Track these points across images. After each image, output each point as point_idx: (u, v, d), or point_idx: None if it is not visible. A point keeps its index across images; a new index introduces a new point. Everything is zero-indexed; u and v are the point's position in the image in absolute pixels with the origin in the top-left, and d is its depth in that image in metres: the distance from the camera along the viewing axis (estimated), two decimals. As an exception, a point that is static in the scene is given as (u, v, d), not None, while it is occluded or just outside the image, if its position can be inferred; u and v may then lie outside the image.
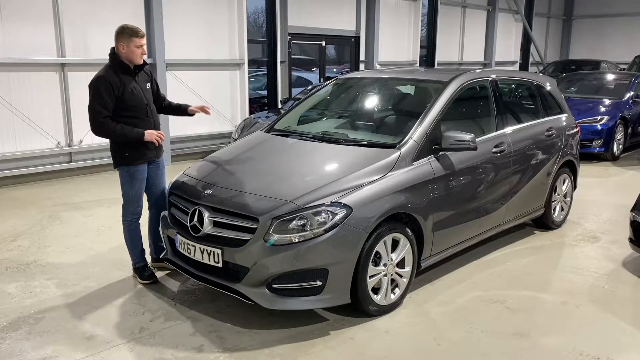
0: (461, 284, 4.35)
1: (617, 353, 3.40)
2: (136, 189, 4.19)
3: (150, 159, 4.21)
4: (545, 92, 5.81)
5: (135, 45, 4.02)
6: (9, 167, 7.44)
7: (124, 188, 4.20)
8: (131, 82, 4.05)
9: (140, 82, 4.15)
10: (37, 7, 7.45)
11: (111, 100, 3.95)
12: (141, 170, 4.17)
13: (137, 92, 4.08)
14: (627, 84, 10.28)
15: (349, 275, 3.54)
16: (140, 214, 4.28)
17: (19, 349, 3.38)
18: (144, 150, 4.13)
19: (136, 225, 4.28)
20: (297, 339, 3.51)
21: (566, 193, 5.84)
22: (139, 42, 4.03)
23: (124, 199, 4.22)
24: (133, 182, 4.16)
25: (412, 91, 5.22)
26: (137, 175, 4.15)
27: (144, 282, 4.28)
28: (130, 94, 4.02)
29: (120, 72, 4.02)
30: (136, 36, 4.02)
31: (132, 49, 4.02)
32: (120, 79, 3.99)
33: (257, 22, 11.38)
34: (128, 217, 4.25)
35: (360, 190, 3.64)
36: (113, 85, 3.94)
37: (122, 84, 3.99)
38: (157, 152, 4.27)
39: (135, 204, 4.22)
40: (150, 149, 4.19)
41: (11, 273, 4.52)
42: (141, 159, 4.14)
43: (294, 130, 4.83)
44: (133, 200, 4.20)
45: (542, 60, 19.49)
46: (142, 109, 4.11)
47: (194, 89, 9.34)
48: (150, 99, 4.23)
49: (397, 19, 13.66)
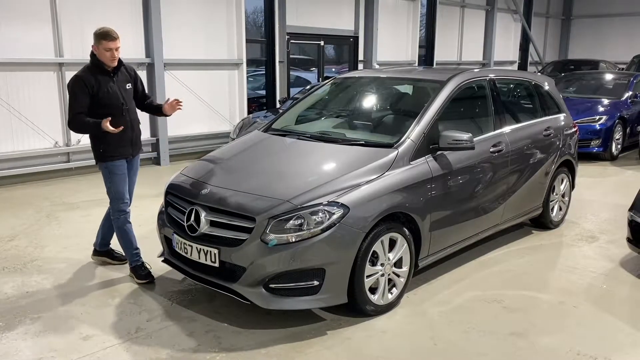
0: (459, 284, 4.34)
1: (614, 353, 3.40)
2: (117, 184, 4.27)
3: (125, 156, 4.30)
4: (544, 91, 5.81)
5: (104, 48, 4.09)
6: (7, 167, 7.43)
7: (106, 185, 4.32)
8: (107, 82, 4.16)
9: (118, 82, 4.24)
10: (35, 7, 7.43)
11: (85, 97, 4.07)
12: (119, 165, 4.26)
13: (113, 92, 4.17)
14: (626, 83, 10.28)
15: (346, 275, 3.53)
16: (126, 210, 4.35)
17: (15, 349, 3.37)
18: (117, 147, 4.22)
19: (124, 222, 4.34)
20: (294, 338, 3.50)
21: (564, 193, 5.83)
22: (107, 45, 4.08)
23: (109, 196, 4.33)
24: (113, 178, 4.26)
25: (410, 91, 5.21)
26: (115, 170, 4.24)
27: (141, 282, 4.28)
28: (105, 92, 4.12)
29: (97, 72, 4.13)
30: (105, 39, 4.07)
31: (102, 52, 4.10)
32: (96, 78, 4.10)
33: (256, 22, 11.38)
34: (115, 214, 4.34)
35: (358, 189, 3.63)
36: (87, 84, 4.06)
37: (98, 83, 4.10)
38: (132, 149, 4.36)
39: (120, 200, 4.30)
40: (125, 146, 4.27)
41: (8, 273, 4.51)
42: (116, 155, 4.23)
43: (291, 129, 4.82)
44: (117, 197, 4.29)
45: (541, 60, 19.50)
46: (117, 107, 4.19)
47: (192, 88, 9.33)
48: (128, 98, 4.29)
49: (396, 19, 13.66)
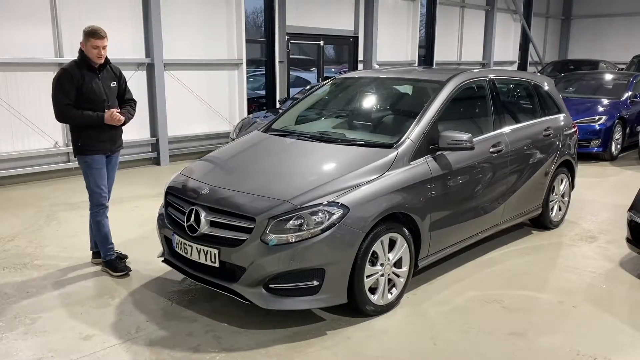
0: (458, 284, 4.35)
1: (614, 353, 3.40)
2: (95, 179, 4.32)
3: (103, 151, 4.36)
4: (543, 92, 5.81)
5: (91, 46, 4.17)
6: (7, 167, 7.43)
7: (85, 179, 4.37)
8: (93, 78, 4.24)
9: (103, 79, 4.32)
10: (35, 7, 7.43)
11: (72, 89, 4.16)
12: (97, 160, 4.32)
13: (97, 88, 4.25)
14: (626, 83, 10.28)
15: (346, 275, 3.54)
16: (104, 205, 4.41)
17: (15, 349, 3.37)
18: (96, 142, 4.27)
19: (102, 217, 4.40)
20: (294, 338, 3.50)
21: (564, 193, 5.83)
22: (94, 42, 4.16)
23: (88, 191, 4.38)
24: (91, 172, 4.31)
25: (409, 91, 5.21)
26: (93, 164, 4.30)
27: (117, 275, 4.34)
28: (89, 88, 4.21)
29: (84, 67, 4.23)
30: (92, 37, 4.16)
31: (89, 49, 4.19)
32: (82, 73, 4.20)
33: (256, 22, 11.38)
34: (93, 209, 4.40)
35: (358, 190, 3.64)
36: (73, 77, 4.16)
37: (83, 78, 4.19)
38: (111, 146, 4.40)
39: (98, 194, 4.35)
40: (104, 142, 4.33)
41: (8, 273, 4.51)
42: (94, 150, 4.28)
43: (291, 130, 4.82)
44: (95, 191, 4.34)
45: (541, 60, 19.50)
46: (99, 103, 4.27)
47: (192, 89, 9.34)
48: (111, 95, 4.38)
49: (396, 19, 13.66)
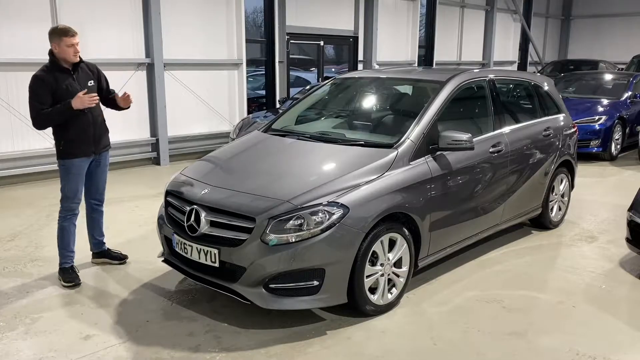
0: (458, 284, 4.35)
1: (613, 353, 3.40)
2: (72, 184, 4.19)
3: (87, 154, 4.21)
4: (543, 92, 5.81)
5: (66, 45, 4.06)
6: (6, 167, 7.42)
7: (61, 182, 4.23)
8: (66, 80, 4.10)
9: (79, 79, 4.18)
10: (35, 7, 7.43)
11: (47, 96, 4.02)
12: (77, 164, 4.17)
13: (73, 89, 4.09)
14: (625, 83, 10.28)
15: (346, 275, 3.54)
16: (75, 211, 4.28)
17: (16, 349, 3.37)
18: (78, 143, 4.14)
19: (69, 223, 4.28)
20: (294, 338, 3.50)
21: (564, 193, 5.84)
22: (69, 41, 4.05)
23: (61, 193, 4.24)
24: (69, 177, 4.18)
25: (409, 91, 5.22)
26: (72, 169, 4.16)
27: (66, 285, 4.21)
28: (64, 91, 4.06)
29: (56, 70, 4.09)
30: (66, 35, 4.05)
31: (64, 49, 4.06)
32: (54, 77, 4.06)
33: (256, 22, 11.38)
34: (62, 212, 4.27)
35: (357, 190, 3.64)
36: (46, 82, 4.02)
37: (56, 82, 4.05)
38: (95, 147, 4.26)
39: (71, 200, 4.22)
40: (87, 143, 4.19)
41: (8, 273, 4.52)
42: (76, 153, 4.15)
43: (291, 130, 4.82)
44: (68, 195, 4.21)
45: (541, 60, 19.50)
46: None
47: (192, 88, 9.34)
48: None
49: (396, 19, 13.66)
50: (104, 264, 4.65)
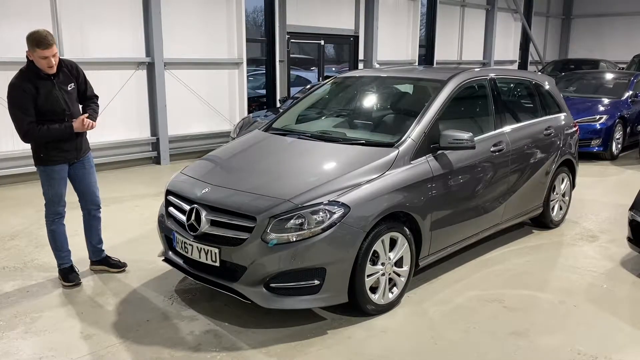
0: (459, 283, 4.34)
1: (615, 352, 3.40)
2: (55, 188, 4.09)
3: (68, 160, 4.09)
4: (544, 91, 5.81)
5: (39, 56, 3.76)
6: (7, 166, 7.41)
7: (43, 188, 4.11)
8: (46, 86, 3.87)
9: (60, 85, 3.95)
10: (35, 6, 7.42)
11: (30, 105, 3.81)
12: (58, 170, 4.06)
13: (54, 97, 3.89)
14: (626, 83, 10.28)
15: (347, 274, 3.53)
16: (62, 214, 4.22)
17: (16, 348, 3.37)
18: (59, 153, 4.01)
19: (58, 225, 4.22)
20: (295, 338, 3.50)
21: (565, 192, 5.83)
22: (42, 53, 3.74)
23: (45, 198, 4.15)
24: (51, 182, 4.07)
25: (410, 90, 5.20)
26: (54, 175, 4.05)
27: (67, 285, 4.21)
28: (44, 99, 3.85)
29: (33, 77, 3.84)
30: (39, 47, 3.72)
31: (37, 59, 3.79)
32: (33, 83, 3.82)
33: (256, 21, 11.37)
34: (49, 217, 4.20)
35: (358, 189, 3.63)
36: (26, 91, 3.79)
37: (37, 90, 3.82)
38: (77, 153, 4.12)
39: (56, 204, 4.15)
40: (68, 151, 4.05)
41: (8, 272, 4.51)
42: (58, 160, 4.03)
43: (292, 129, 4.82)
44: (53, 200, 4.13)
45: (541, 60, 19.49)
46: (59, 114, 3.94)
47: (192, 88, 9.33)
48: (71, 101, 4.02)
49: (396, 18, 13.66)
50: (102, 272, 4.53)
